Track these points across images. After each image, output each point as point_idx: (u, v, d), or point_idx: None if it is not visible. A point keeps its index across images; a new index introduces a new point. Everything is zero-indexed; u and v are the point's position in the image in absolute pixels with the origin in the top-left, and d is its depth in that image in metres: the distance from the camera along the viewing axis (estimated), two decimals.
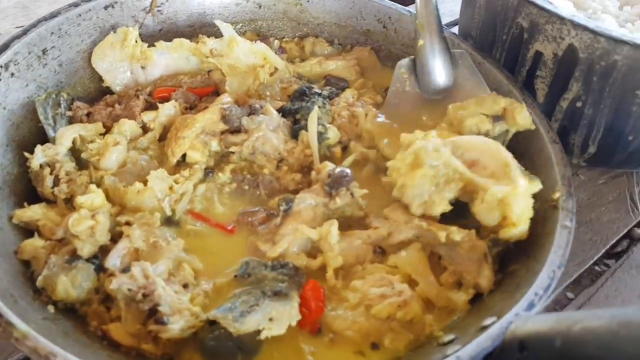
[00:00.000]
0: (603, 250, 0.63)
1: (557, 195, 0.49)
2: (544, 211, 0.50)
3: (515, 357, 0.34)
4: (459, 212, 0.50)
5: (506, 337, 0.35)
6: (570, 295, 0.58)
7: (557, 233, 0.45)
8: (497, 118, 0.55)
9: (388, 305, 0.43)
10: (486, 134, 0.53)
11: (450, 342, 0.41)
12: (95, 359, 0.39)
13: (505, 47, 0.66)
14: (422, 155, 0.49)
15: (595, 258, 0.63)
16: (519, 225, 0.47)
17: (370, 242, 0.49)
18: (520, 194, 0.47)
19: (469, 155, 0.50)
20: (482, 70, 0.64)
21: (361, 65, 0.73)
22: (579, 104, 0.62)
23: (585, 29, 0.56)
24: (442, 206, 0.49)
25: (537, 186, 0.48)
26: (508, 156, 0.49)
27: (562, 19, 0.57)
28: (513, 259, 0.49)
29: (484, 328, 0.38)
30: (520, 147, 0.58)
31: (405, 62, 0.64)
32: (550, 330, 0.32)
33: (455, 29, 0.82)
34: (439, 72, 0.61)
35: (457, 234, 0.47)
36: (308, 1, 0.75)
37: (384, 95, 0.67)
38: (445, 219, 0.51)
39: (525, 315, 0.38)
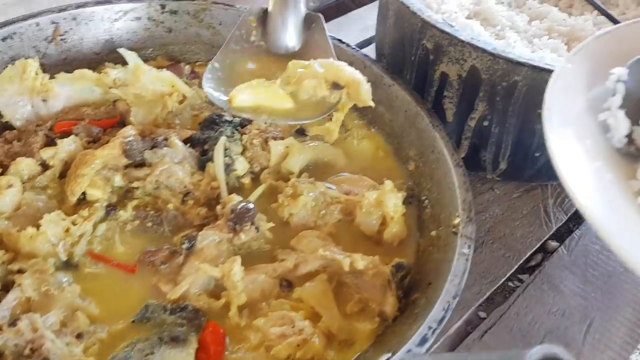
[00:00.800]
0: (516, 266, 0.64)
1: (457, 221, 0.49)
2: (445, 236, 0.50)
3: None
4: None
5: None
6: (482, 314, 0.59)
7: (455, 260, 0.46)
8: (336, 86, 0.54)
9: (287, 345, 0.43)
10: (322, 100, 0.54)
11: None
12: None
13: (414, 67, 0.66)
14: (298, 187, 0.52)
15: (508, 274, 0.63)
16: (396, 220, 0.52)
17: (277, 275, 0.49)
18: (388, 191, 0.53)
19: (340, 189, 0.56)
20: (392, 92, 0.65)
21: None
22: (485, 123, 0.63)
23: (484, 51, 0.57)
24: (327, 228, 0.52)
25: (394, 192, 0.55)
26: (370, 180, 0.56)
27: (462, 42, 0.58)
28: (417, 286, 0.49)
29: None
30: (428, 169, 0.59)
31: (256, 10, 0.62)
32: None
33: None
34: (290, 32, 0.61)
35: (360, 261, 0.47)
36: (220, 24, 0.74)
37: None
38: None
39: (414, 353, 0.38)
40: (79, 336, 0.43)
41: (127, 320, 0.45)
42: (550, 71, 0.53)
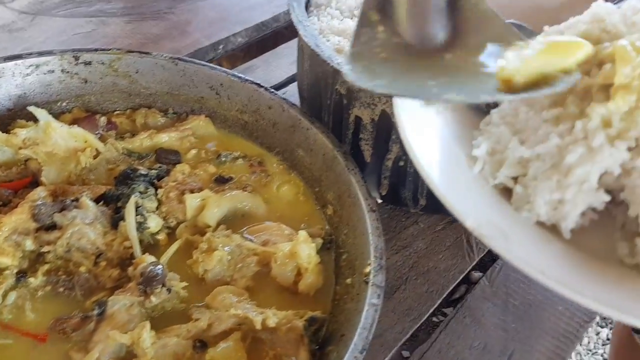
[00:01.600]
0: (439, 301, 0.65)
1: (368, 269, 0.50)
2: (358, 285, 0.51)
3: None
4: None
5: None
6: (405, 353, 0.60)
7: (365, 312, 0.46)
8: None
9: None
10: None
11: None
12: None
13: (330, 111, 0.67)
14: (213, 241, 0.52)
15: (432, 309, 0.65)
16: (310, 271, 0.53)
17: (190, 336, 0.48)
18: (302, 242, 0.53)
19: (258, 239, 0.56)
20: (310, 135, 0.66)
21: (197, 133, 0.72)
22: (401, 163, 0.65)
23: (392, 96, 0.58)
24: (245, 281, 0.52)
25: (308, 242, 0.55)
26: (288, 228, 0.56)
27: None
28: (332, 337, 0.49)
29: None
30: (345, 214, 0.60)
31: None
32: None
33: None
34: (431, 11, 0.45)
35: (272, 318, 0.47)
36: (137, 72, 0.73)
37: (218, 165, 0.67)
38: None
39: None
40: None
41: None
42: None
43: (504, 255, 0.38)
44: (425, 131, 0.46)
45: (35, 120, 0.65)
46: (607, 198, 0.41)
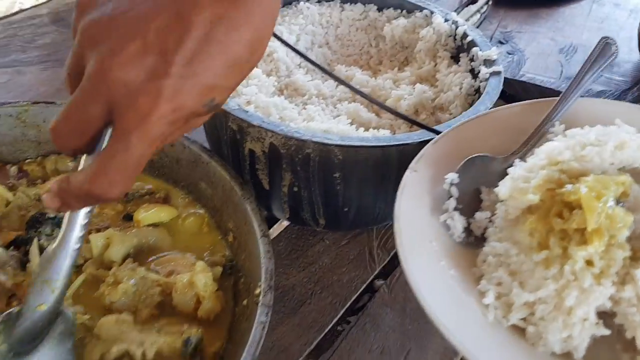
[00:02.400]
0: (342, 311, 0.71)
1: (258, 290, 0.55)
2: (251, 306, 0.56)
3: None
4: None
5: None
6: None
7: (254, 329, 0.51)
8: None
9: None
10: None
11: None
12: None
13: (228, 146, 0.72)
14: (118, 275, 0.57)
15: (335, 319, 0.70)
16: (207, 298, 0.58)
17: None
18: (199, 272, 0.58)
19: (164, 269, 0.61)
20: (211, 169, 0.70)
21: None
22: (295, 189, 0.70)
23: (273, 132, 0.64)
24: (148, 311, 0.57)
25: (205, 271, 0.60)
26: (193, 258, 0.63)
27: (256, 126, 0.65)
28: (230, 355, 0.54)
29: None
30: (242, 240, 0.65)
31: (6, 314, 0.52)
32: None
33: None
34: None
35: (150, 348, 0.52)
36: (44, 121, 0.76)
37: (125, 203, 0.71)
38: None
39: None
40: None
41: None
42: (331, 145, 0.62)
43: None
44: (433, 283, 0.50)
45: None
46: (608, 332, 0.47)
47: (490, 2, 1.28)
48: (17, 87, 0.94)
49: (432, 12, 0.87)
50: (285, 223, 0.81)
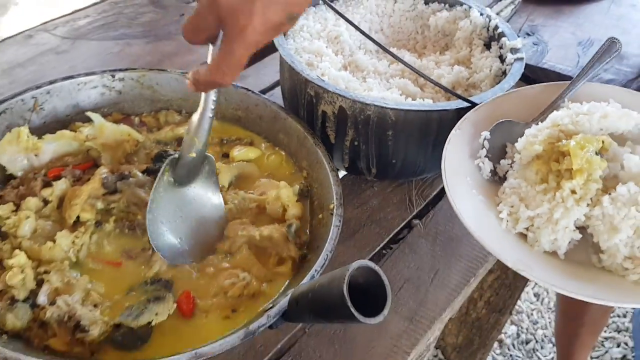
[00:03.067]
0: (387, 239, 0.92)
1: (332, 206, 0.76)
2: (327, 217, 0.77)
3: (294, 308, 0.60)
4: None
5: (290, 298, 0.61)
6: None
7: (331, 231, 0.72)
8: None
9: (237, 288, 0.70)
10: None
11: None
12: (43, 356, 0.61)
13: (304, 107, 0.92)
14: (226, 197, 0.80)
15: (381, 245, 0.91)
16: (291, 205, 0.80)
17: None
18: (282, 187, 0.81)
19: (257, 191, 0.83)
20: (287, 123, 0.91)
21: None
22: (356, 143, 0.90)
23: (344, 97, 0.84)
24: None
25: (288, 187, 0.82)
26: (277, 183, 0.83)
27: (330, 92, 0.85)
28: (311, 248, 0.76)
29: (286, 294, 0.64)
30: (315, 174, 0.85)
31: (171, 158, 0.78)
32: (306, 289, 0.58)
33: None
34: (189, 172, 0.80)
35: (264, 230, 0.75)
36: (157, 84, 0.96)
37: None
38: None
39: (302, 284, 0.64)
40: (95, 306, 0.67)
41: (123, 294, 0.70)
42: (387, 108, 0.82)
43: (529, 277, 0.65)
44: (468, 207, 0.72)
45: (86, 121, 0.90)
46: (579, 236, 0.70)
47: None
48: (128, 56, 1.16)
49: (470, 7, 1.06)
50: (343, 173, 1.02)
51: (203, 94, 0.72)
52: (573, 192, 0.68)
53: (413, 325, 0.80)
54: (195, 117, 0.74)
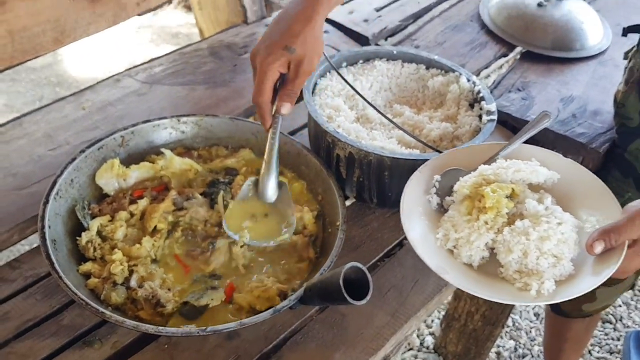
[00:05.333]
0: (382, 254, 1.18)
1: (338, 223, 1.04)
2: (334, 231, 1.04)
3: (308, 294, 0.89)
4: None
5: (305, 287, 0.90)
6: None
7: (337, 241, 1.00)
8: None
9: (258, 291, 0.97)
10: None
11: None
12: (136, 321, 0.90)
13: (324, 150, 1.20)
14: None
15: (376, 258, 1.18)
16: (310, 225, 1.09)
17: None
18: (305, 212, 1.09)
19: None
20: (309, 159, 1.19)
21: (245, 159, 1.22)
22: (361, 179, 1.18)
23: (353, 145, 1.12)
24: None
25: (309, 212, 1.10)
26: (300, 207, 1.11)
27: (342, 141, 1.14)
28: (324, 253, 1.04)
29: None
30: (327, 199, 1.13)
31: (252, 179, 1.10)
32: (316, 281, 0.87)
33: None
34: (270, 190, 1.09)
35: (293, 238, 1.05)
36: (211, 126, 1.22)
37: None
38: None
39: (313, 278, 0.92)
40: (169, 289, 0.97)
41: (188, 282, 1.00)
42: (384, 156, 1.10)
43: (445, 278, 0.88)
44: (415, 228, 1.01)
45: (159, 154, 1.20)
46: (487, 254, 0.97)
47: (517, 57, 1.72)
48: (192, 99, 1.42)
49: (460, 74, 1.34)
50: (352, 200, 1.30)
51: (270, 133, 1.06)
52: (486, 222, 0.96)
53: (394, 319, 1.07)
54: (267, 146, 1.08)
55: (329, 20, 1.80)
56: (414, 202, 1.03)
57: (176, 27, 4.15)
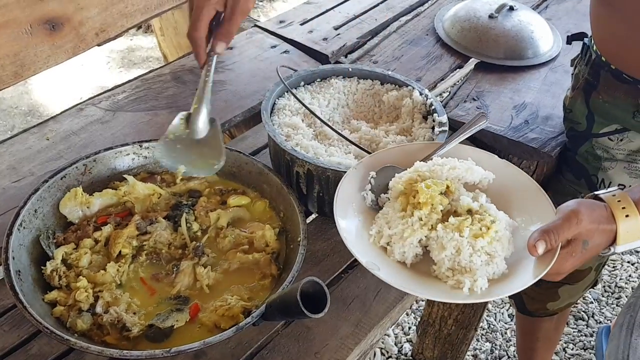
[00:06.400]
0: (345, 266, 1.22)
1: (299, 238, 1.07)
2: (295, 247, 1.07)
3: (269, 310, 0.92)
4: None
5: (266, 303, 0.93)
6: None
7: (298, 256, 1.03)
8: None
9: (222, 310, 1.00)
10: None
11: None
12: (102, 346, 0.92)
13: (284, 167, 1.24)
14: (226, 233, 1.10)
15: (340, 270, 1.21)
16: (272, 242, 1.11)
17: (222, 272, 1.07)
18: (267, 230, 1.12)
19: (249, 229, 1.13)
20: (270, 178, 1.22)
21: (208, 181, 1.25)
22: (321, 194, 1.21)
23: (311, 162, 1.16)
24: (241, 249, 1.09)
25: (270, 229, 1.13)
26: (262, 224, 1.14)
27: (300, 159, 1.17)
28: (286, 269, 1.06)
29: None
30: (288, 215, 1.17)
31: (184, 113, 1.16)
32: (276, 296, 0.90)
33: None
34: (201, 125, 1.16)
35: (255, 256, 1.07)
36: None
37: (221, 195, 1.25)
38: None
39: (274, 294, 0.95)
40: (134, 313, 0.99)
41: (153, 305, 1.02)
42: (341, 171, 1.14)
43: (378, 276, 0.89)
44: (349, 224, 1.04)
45: (122, 180, 1.22)
46: (421, 251, 1.01)
47: (471, 68, 1.78)
48: (155, 124, 1.47)
49: (413, 88, 1.39)
50: (314, 215, 1.34)
51: (204, 70, 1.13)
52: (420, 219, 0.98)
53: (358, 329, 1.11)
54: (200, 83, 1.14)
55: (289, 41, 1.85)
56: (348, 198, 1.05)
57: (147, 51, 4.18)
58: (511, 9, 1.83)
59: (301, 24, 1.93)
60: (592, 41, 1.40)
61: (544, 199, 1.03)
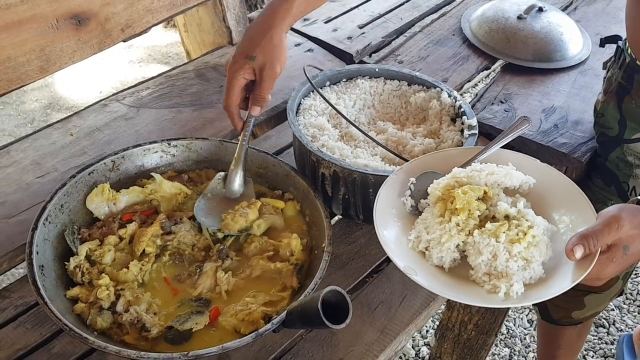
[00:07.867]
0: (369, 270, 1.20)
1: (324, 245, 1.05)
2: (320, 253, 1.06)
3: (289, 318, 0.90)
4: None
5: (287, 311, 0.91)
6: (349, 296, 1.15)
7: (322, 263, 1.02)
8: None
9: (242, 314, 0.98)
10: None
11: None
12: (120, 346, 0.91)
13: (309, 169, 1.23)
14: (254, 239, 1.09)
15: (365, 274, 1.20)
16: (297, 252, 1.08)
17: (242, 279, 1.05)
18: (293, 239, 1.09)
19: (277, 238, 1.11)
20: (296, 180, 1.21)
21: None
22: (347, 196, 1.20)
23: (337, 164, 1.14)
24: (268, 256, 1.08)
25: (297, 239, 1.10)
26: (290, 234, 1.11)
27: (326, 160, 1.15)
28: (309, 276, 1.05)
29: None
30: (314, 220, 1.15)
31: (222, 174, 1.18)
32: (297, 304, 0.88)
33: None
34: (237, 185, 1.18)
35: (278, 265, 1.05)
36: (201, 149, 1.25)
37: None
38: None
39: (295, 301, 0.93)
40: (155, 313, 0.98)
41: (175, 305, 1.01)
42: (368, 173, 1.12)
43: (415, 280, 0.89)
44: (388, 229, 1.02)
45: (149, 178, 1.21)
46: (458, 256, 0.99)
47: (498, 70, 1.75)
48: (179, 122, 1.47)
49: (442, 90, 1.36)
50: (339, 217, 1.32)
51: (242, 134, 1.18)
52: (457, 224, 0.97)
53: (383, 336, 1.09)
54: (238, 145, 1.18)
55: (313, 39, 1.83)
56: (388, 204, 1.04)
57: (167, 47, 4.18)
58: (540, 10, 1.79)
59: (325, 22, 1.91)
60: (627, 44, 1.36)
61: (586, 204, 1.00)
